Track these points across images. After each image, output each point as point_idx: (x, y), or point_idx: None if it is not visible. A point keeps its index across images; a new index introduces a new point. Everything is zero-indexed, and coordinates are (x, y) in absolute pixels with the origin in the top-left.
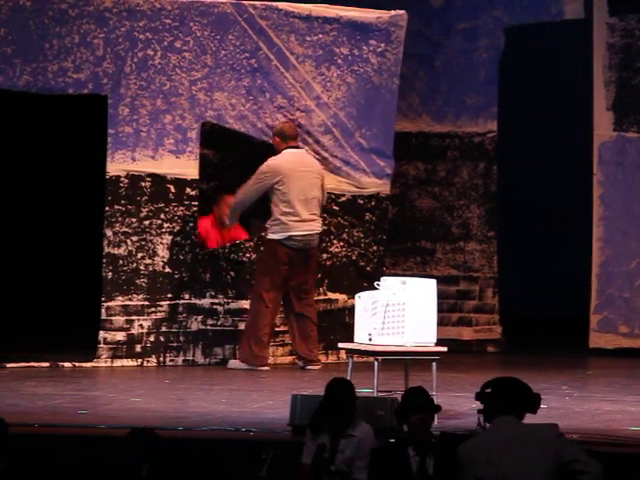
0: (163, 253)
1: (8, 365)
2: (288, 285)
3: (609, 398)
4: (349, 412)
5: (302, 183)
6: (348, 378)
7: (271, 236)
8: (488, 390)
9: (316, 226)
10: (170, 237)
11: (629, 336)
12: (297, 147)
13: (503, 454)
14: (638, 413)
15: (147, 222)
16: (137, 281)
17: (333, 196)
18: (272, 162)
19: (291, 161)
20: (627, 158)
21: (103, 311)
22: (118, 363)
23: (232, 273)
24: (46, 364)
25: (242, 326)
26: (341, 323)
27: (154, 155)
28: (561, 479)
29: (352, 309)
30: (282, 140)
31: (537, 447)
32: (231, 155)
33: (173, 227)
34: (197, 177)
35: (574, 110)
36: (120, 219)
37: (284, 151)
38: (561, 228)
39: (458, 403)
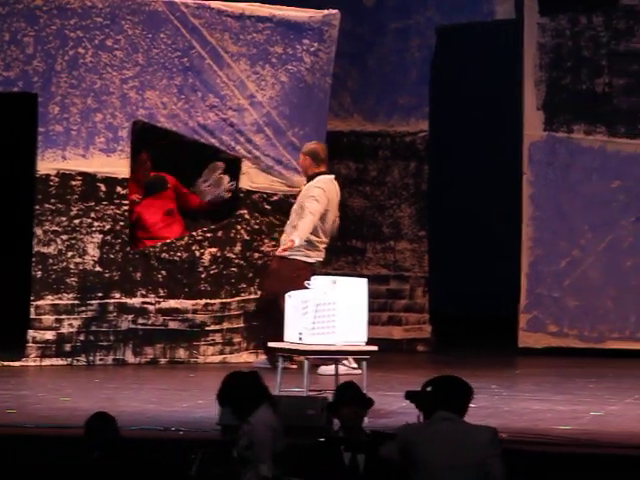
0: (93, 252)
1: None
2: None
3: (538, 397)
4: (241, 401)
5: (334, 214)
6: (279, 377)
7: (304, 259)
8: (429, 389)
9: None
10: (100, 236)
11: (558, 335)
12: (327, 172)
13: (437, 448)
14: (566, 412)
15: (77, 221)
16: (67, 280)
17: (265, 195)
18: (324, 188)
19: (332, 190)
20: (557, 158)
21: (32, 310)
22: (47, 362)
23: (163, 272)
24: None
25: (173, 325)
26: None
27: (85, 154)
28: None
29: None
30: (314, 162)
31: (469, 447)
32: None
33: (103, 226)
34: (128, 176)
35: (504, 110)
36: (50, 218)
37: (323, 178)
38: (491, 228)
39: (388, 402)
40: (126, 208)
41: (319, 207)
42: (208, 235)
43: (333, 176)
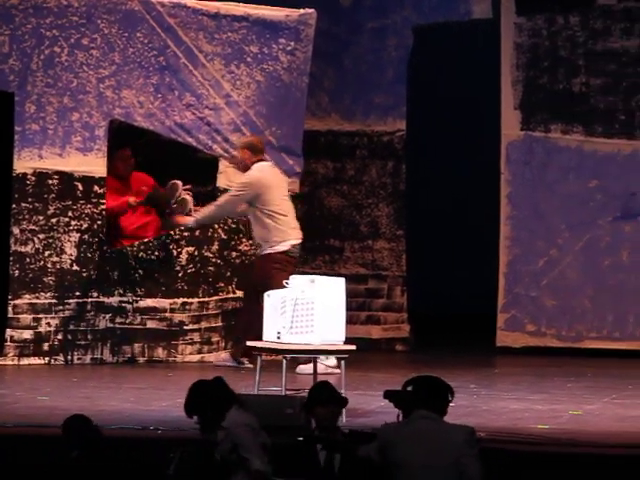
0: (71, 251)
1: None
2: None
3: (516, 396)
4: (209, 410)
5: (284, 193)
6: (257, 377)
7: (278, 249)
8: (409, 388)
9: (301, 235)
10: (78, 235)
11: (536, 335)
12: (265, 160)
13: (415, 448)
14: (544, 411)
15: (54, 220)
16: (44, 279)
17: None
18: (255, 174)
19: (270, 172)
20: (534, 157)
21: (10, 309)
22: (25, 361)
23: (140, 271)
24: None
25: (151, 324)
26: None
27: (61, 153)
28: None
29: None
30: (253, 153)
31: (447, 446)
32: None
33: (81, 225)
34: (105, 175)
35: (482, 109)
36: (27, 217)
37: (259, 164)
38: (469, 227)
39: (366, 401)
40: (103, 207)
41: (232, 197)
42: (185, 234)
43: (270, 163)
